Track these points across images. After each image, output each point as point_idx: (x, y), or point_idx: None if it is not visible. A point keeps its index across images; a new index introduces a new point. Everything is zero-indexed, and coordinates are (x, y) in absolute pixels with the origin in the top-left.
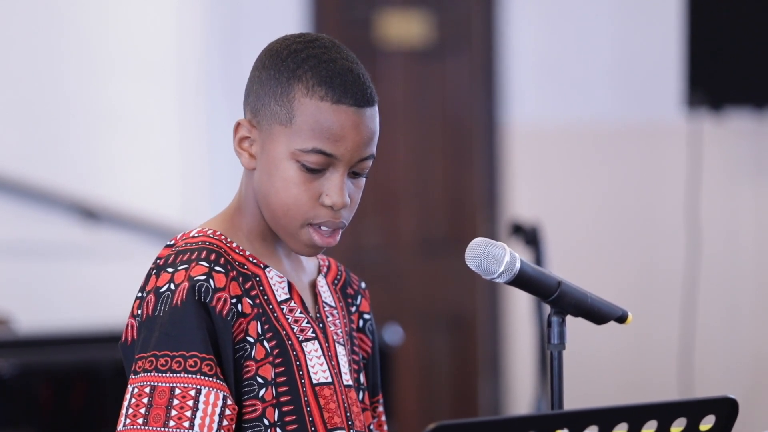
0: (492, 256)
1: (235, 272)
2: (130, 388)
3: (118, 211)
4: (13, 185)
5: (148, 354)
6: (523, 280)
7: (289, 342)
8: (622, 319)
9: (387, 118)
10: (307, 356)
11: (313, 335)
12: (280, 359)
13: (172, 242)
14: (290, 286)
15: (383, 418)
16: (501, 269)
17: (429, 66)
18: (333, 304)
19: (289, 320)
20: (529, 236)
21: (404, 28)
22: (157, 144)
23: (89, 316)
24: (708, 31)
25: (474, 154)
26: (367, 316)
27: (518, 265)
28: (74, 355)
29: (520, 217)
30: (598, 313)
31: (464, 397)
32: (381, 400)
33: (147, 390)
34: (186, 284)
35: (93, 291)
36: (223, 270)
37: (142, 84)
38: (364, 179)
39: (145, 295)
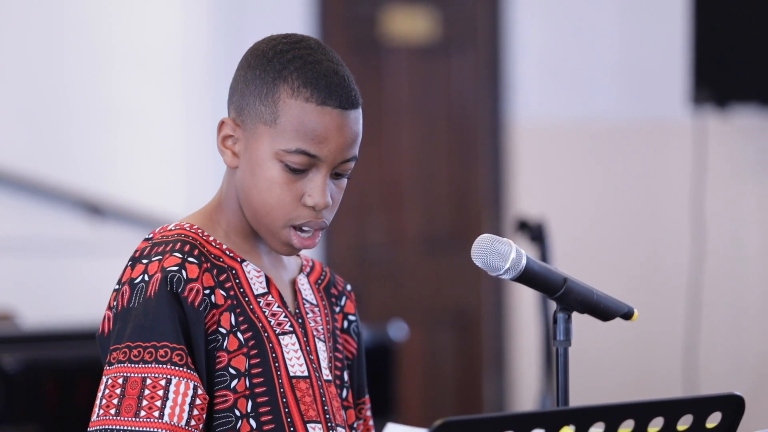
0: (498, 253)
1: (209, 264)
2: (104, 379)
3: (124, 207)
4: (19, 182)
5: (122, 345)
6: (528, 277)
7: (266, 334)
8: (628, 315)
9: (392, 115)
10: (284, 349)
11: (291, 329)
12: (256, 350)
13: (150, 235)
14: (268, 280)
15: (371, 422)
16: (507, 266)
17: (434, 63)
18: (314, 302)
19: (266, 313)
20: (535, 233)
21: (409, 25)
22: (163, 140)
23: (94, 312)
24: (714, 28)
25: (479, 151)
26: (352, 318)
27: (524, 261)
28: (79, 351)
29: (525, 214)
30: (604, 310)
31: (469, 393)
32: (368, 404)
33: (120, 381)
34: (159, 275)
35: (98, 287)
36: (196, 261)
37: (148, 80)
38: (345, 180)
39: (120, 287)
